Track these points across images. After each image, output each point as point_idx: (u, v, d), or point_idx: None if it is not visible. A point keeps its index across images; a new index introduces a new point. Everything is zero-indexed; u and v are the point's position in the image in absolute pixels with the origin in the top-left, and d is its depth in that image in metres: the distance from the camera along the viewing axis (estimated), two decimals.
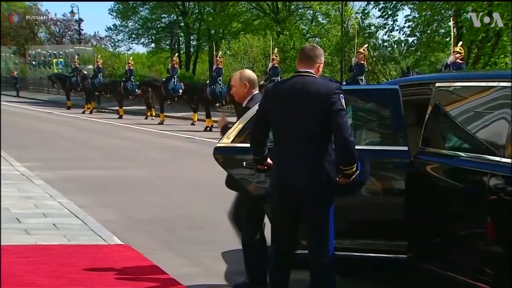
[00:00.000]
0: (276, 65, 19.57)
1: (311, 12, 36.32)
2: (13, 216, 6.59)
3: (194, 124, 21.28)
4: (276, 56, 20.11)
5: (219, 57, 21.70)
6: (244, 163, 4.48)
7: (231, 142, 4.74)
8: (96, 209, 7.47)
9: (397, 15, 26.25)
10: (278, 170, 3.98)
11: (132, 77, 25.75)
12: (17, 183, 8.60)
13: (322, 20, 35.81)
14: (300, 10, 37.06)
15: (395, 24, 26.26)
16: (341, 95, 3.83)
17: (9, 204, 7.14)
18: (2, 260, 5.00)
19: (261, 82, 19.07)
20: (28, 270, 4.86)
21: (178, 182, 10.00)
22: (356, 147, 3.84)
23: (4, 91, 44.43)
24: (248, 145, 4.29)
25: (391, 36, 26.84)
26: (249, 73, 4.98)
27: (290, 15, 35.82)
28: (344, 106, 3.82)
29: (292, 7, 36.13)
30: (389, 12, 25.99)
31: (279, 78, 18.40)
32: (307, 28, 36.93)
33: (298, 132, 3.87)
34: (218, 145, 4.81)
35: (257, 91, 4.94)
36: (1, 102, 23.07)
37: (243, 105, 4.91)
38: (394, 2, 25.66)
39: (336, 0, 30.63)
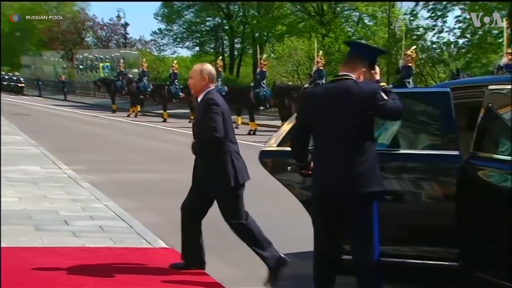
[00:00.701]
0: (321, 68, 19.45)
1: (357, 14, 36.03)
2: (62, 218, 6.69)
3: (238, 128, 21.31)
4: (321, 58, 20.00)
5: (263, 60, 21.69)
6: (289, 167, 4.44)
7: (277, 146, 4.70)
8: (142, 212, 7.52)
9: (447, 16, 25.83)
10: (319, 174, 3.94)
11: (176, 80, 25.98)
12: (65, 186, 8.74)
13: (368, 22, 35.48)
14: (345, 12, 36.83)
15: (445, 25, 25.84)
16: (382, 92, 3.86)
17: (57, 207, 7.26)
18: (51, 261, 5.09)
19: (305, 85, 19.01)
20: (76, 271, 4.91)
21: None
22: (407, 151, 3.78)
23: (52, 95, 45.53)
24: None
25: (440, 38, 26.41)
26: (210, 67, 5.05)
27: (336, 17, 35.62)
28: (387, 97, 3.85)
29: (338, 9, 35.93)
30: (439, 13, 25.55)
31: (323, 81, 18.28)
32: (352, 30, 36.63)
33: (338, 136, 3.83)
34: (264, 149, 4.78)
35: (213, 87, 4.96)
36: (49, 106, 23.62)
37: (199, 100, 4.94)
38: (444, 2, 25.20)
39: (385, 0, 30.15)
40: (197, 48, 45.83)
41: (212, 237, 6.60)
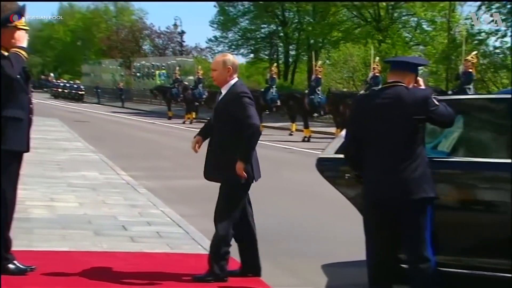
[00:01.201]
0: (377, 74, 19.24)
1: (415, 19, 35.52)
2: (120, 224, 6.84)
3: (292, 135, 21.31)
4: (377, 65, 19.80)
5: (319, 67, 21.63)
6: (346, 175, 4.42)
7: (335, 153, 4.68)
8: (198, 219, 7.58)
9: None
10: (371, 180, 3.92)
11: None
12: (123, 192, 8.92)
13: (427, 27, 34.93)
14: (403, 18, 36.36)
15: (509, 30, 25.14)
16: (434, 98, 3.86)
17: (116, 212, 7.43)
18: (110, 265, 5.21)
19: (361, 92, 18.83)
20: (134, 276, 5.01)
21: (276, 192, 10.01)
22: (471, 159, 3.73)
23: (110, 102, 46.58)
24: None
25: (504, 43, 25.72)
26: (233, 58, 5.02)
27: (393, 23, 35.22)
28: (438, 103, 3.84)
29: (395, 14, 35.52)
30: (502, 18, 24.88)
31: (380, 87, 18.08)
32: (410, 36, 36.15)
33: (390, 142, 3.82)
34: (321, 156, 4.77)
35: (238, 79, 4.95)
36: (107, 113, 24.10)
37: (223, 92, 4.92)
38: (509, 6, 24.50)
39: (447, 0, 29.48)
40: (251, 55, 46.11)
41: (266, 243, 6.62)
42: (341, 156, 4.55)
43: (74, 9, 74.93)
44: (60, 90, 52.79)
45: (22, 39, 4.75)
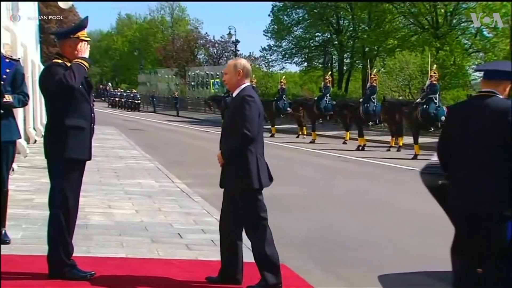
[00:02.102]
0: (435, 82, 18.84)
1: (475, 25, 34.77)
2: (175, 231, 6.90)
3: (346, 143, 21.14)
4: (434, 72, 19.42)
5: (374, 75, 21.41)
6: (439, 181, 4.33)
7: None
8: None
9: None
10: (457, 192, 3.82)
11: (284, 96, 26.15)
12: (178, 200, 9.01)
13: (488, 34, 34.18)
14: (462, 24, 35.67)
15: None
16: None
17: (171, 220, 7.51)
18: (167, 272, 5.26)
19: (417, 100, 18.53)
20: (190, 284, 5.04)
21: (330, 201, 9.94)
22: None
23: (165, 110, 47.29)
24: None
25: None
26: (244, 61, 4.97)
27: (451, 30, 34.59)
28: None
29: (454, 21, 34.88)
30: None
31: (437, 95, 17.76)
32: (469, 43, 35.41)
33: (478, 152, 3.72)
34: (429, 162, 4.74)
35: (249, 84, 4.92)
36: (163, 122, 24.45)
37: (234, 95, 4.90)
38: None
39: (499, 0, 28.66)
40: (305, 64, 46.07)
41: (320, 251, 6.58)
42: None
43: (132, 20, 76.64)
44: (117, 99, 53.95)
45: (84, 50, 4.89)
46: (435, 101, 17.42)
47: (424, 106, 17.47)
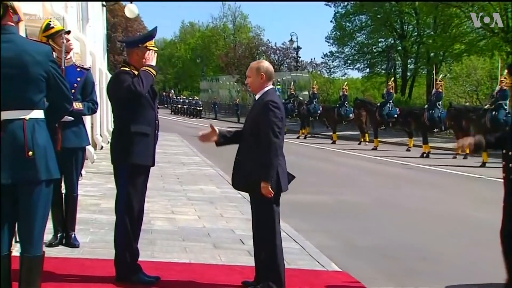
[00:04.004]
0: (505, 87, 18.22)
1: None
2: (237, 237, 6.89)
3: (410, 150, 20.74)
4: (505, 78, 18.79)
5: (439, 81, 20.92)
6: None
7: None
8: (314, 234, 7.52)
9: None
10: None
11: (346, 102, 25.93)
12: (239, 206, 9.01)
13: None
14: None
15: None
16: None
17: (233, 226, 7.51)
18: (229, 279, 5.27)
19: (486, 106, 17.97)
20: None
21: (395, 209, 9.75)
22: None
23: (226, 117, 47.69)
24: None
25: None
26: (267, 64, 4.89)
27: None
28: None
29: None
30: None
31: (507, 102, 17.16)
32: None
33: None
34: None
35: (272, 86, 4.86)
36: (224, 128, 24.49)
37: (256, 98, 4.85)
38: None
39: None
40: (368, 70, 45.56)
41: (388, 261, 6.43)
42: None
43: (195, 28, 77.76)
44: (179, 106, 54.77)
45: (151, 58, 4.98)
46: (505, 107, 16.83)
47: (494, 113, 16.89)
